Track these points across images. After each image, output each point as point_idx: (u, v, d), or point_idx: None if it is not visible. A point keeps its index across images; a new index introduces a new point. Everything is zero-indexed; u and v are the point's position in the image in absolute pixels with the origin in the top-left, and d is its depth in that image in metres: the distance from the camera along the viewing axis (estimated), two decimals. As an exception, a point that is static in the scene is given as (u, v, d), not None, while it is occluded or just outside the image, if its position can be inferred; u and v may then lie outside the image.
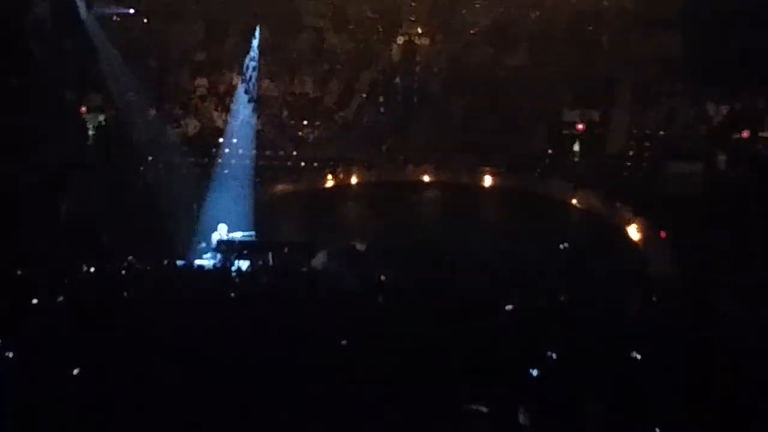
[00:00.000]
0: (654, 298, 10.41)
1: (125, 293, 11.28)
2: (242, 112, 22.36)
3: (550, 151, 22.08)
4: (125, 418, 5.31)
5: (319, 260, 18.80)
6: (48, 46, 21.16)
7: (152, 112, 22.42)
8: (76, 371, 5.99)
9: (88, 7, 21.53)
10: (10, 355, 6.67)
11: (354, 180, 22.37)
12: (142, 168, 21.97)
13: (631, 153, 21.61)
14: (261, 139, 22.45)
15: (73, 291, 10.99)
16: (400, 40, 23.83)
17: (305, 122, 23.51)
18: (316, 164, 22.90)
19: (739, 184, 19.60)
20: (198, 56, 24.12)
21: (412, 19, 23.88)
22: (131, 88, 21.90)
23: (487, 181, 21.60)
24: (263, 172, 22.26)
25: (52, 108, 21.09)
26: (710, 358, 6.77)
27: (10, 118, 20.03)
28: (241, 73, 22.29)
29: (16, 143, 19.94)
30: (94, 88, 22.33)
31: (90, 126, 22.63)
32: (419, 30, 23.81)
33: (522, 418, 5.59)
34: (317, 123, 23.60)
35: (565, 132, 22.04)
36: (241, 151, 22.48)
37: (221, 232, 19.98)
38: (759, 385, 5.96)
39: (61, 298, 9.90)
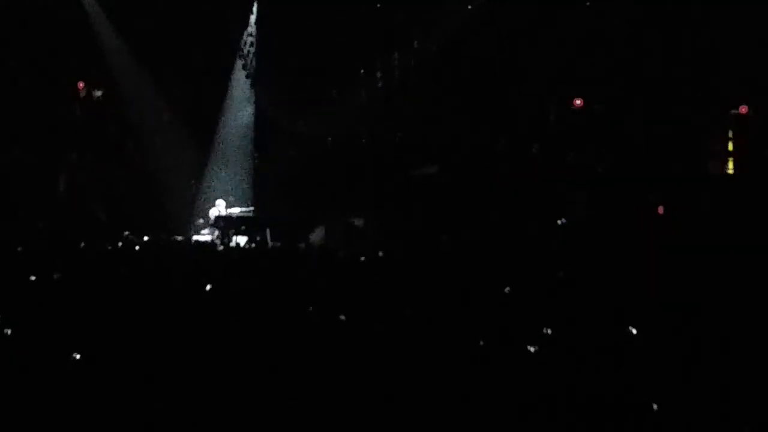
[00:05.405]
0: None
1: (122, 270, 11.30)
2: (240, 87, 22.23)
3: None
4: (123, 393, 5.33)
5: (317, 236, 18.85)
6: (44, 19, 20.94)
7: (150, 87, 22.26)
8: (74, 350, 5.99)
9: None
10: (8, 332, 6.67)
11: (351, 156, 22.21)
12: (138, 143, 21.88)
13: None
14: (259, 114, 22.29)
15: (71, 267, 10.99)
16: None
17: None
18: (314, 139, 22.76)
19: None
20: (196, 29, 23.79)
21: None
22: (127, 61, 21.69)
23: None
24: (262, 147, 22.15)
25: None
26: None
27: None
28: (239, 48, 22.06)
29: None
30: (90, 63, 22.13)
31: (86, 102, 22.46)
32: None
33: None
34: (316, 99, 23.42)
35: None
36: (238, 126, 22.35)
37: (219, 208, 20.00)
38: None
39: (57, 275, 9.92)
